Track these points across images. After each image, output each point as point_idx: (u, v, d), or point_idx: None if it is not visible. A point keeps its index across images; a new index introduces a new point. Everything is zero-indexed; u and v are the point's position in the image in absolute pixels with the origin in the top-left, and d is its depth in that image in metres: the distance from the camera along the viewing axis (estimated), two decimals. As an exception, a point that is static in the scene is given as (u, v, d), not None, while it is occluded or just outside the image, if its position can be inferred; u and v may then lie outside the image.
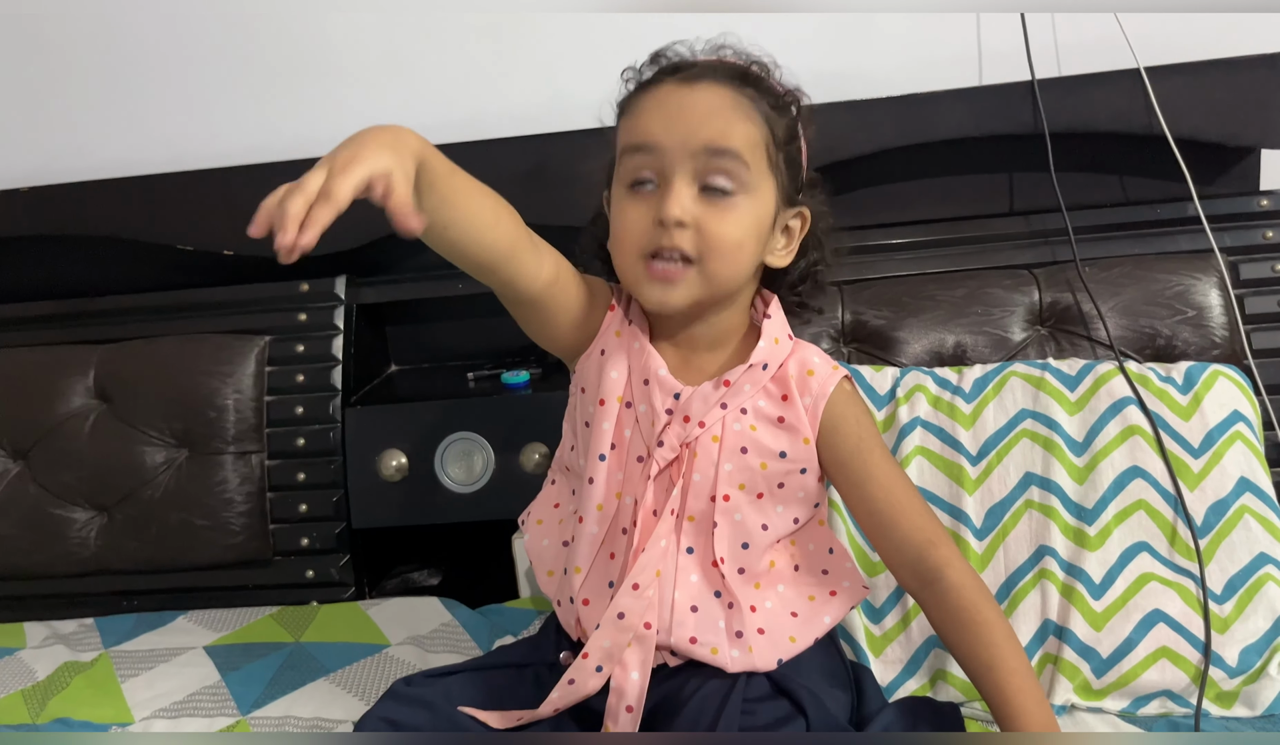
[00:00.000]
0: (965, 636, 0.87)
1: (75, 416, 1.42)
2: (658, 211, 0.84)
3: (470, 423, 1.37)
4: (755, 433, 0.89)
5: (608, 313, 0.93)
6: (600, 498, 0.90)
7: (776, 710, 0.85)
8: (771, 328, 0.91)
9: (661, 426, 0.88)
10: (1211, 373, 1.14)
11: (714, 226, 0.84)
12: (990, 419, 1.14)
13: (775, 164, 0.87)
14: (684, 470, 0.88)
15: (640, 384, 0.90)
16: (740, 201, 0.85)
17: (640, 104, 0.87)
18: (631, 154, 0.86)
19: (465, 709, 0.87)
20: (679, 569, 0.89)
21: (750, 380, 0.89)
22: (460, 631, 1.25)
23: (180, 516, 1.38)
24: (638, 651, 0.86)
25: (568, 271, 0.90)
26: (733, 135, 0.84)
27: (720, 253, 0.85)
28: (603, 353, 0.92)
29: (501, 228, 0.82)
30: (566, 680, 0.87)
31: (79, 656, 1.24)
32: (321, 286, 1.46)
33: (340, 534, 1.40)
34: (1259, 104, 1.30)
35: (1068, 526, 1.08)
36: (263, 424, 1.42)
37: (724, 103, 0.85)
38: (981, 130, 1.34)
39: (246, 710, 1.10)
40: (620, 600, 0.86)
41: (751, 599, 0.90)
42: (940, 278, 1.35)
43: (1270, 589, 1.03)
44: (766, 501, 0.90)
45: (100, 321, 1.49)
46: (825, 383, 0.90)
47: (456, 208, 0.78)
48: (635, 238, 0.86)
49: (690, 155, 0.83)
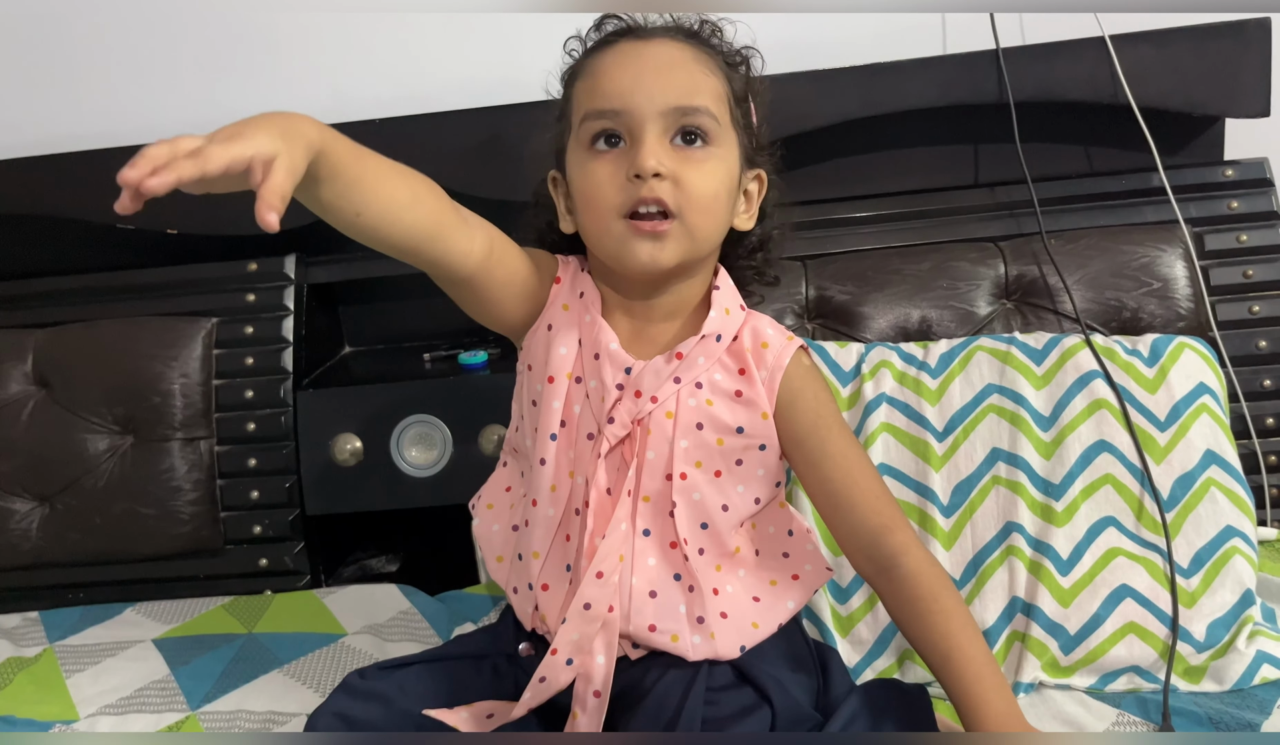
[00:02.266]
0: (922, 626, 0.85)
1: (12, 403, 1.38)
2: (631, 166, 0.81)
3: (427, 405, 1.34)
4: (712, 407, 0.87)
5: (553, 285, 0.90)
6: (552, 479, 0.88)
7: (741, 699, 0.83)
8: (722, 298, 0.89)
9: (612, 402, 0.86)
10: (1177, 345, 1.13)
11: (692, 177, 0.82)
12: (957, 394, 1.12)
13: (736, 119, 0.86)
14: (637, 448, 0.86)
15: (591, 358, 0.87)
16: (713, 152, 0.83)
17: (597, 67, 0.85)
18: (595, 118, 0.83)
19: (431, 712, 0.84)
20: (636, 552, 0.86)
21: (703, 352, 0.87)
22: (419, 619, 1.22)
23: (126, 506, 1.35)
24: (603, 636, 0.84)
25: (503, 245, 0.86)
26: (700, 91, 0.83)
27: (699, 205, 0.82)
28: (550, 328, 0.89)
29: (421, 208, 0.78)
30: (538, 678, 0.84)
31: (22, 652, 1.21)
32: (270, 266, 1.43)
33: (294, 521, 1.37)
34: (1225, 72, 1.29)
35: (1035, 502, 1.06)
36: (211, 409, 1.38)
37: (685, 56, 0.84)
38: (946, 100, 1.32)
39: (196, 705, 1.07)
40: (585, 590, 0.84)
41: (714, 581, 0.87)
42: (905, 251, 1.34)
43: (1237, 562, 1.03)
44: (726, 480, 0.88)
45: (37, 304, 1.44)
46: (780, 354, 0.88)
47: (366, 192, 0.75)
48: (609, 196, 0.82)
49: (660, 113, 0.81)
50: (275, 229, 0.62)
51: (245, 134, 0.63)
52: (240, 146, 0.62)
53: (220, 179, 0.63)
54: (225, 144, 0.62)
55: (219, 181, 0.63)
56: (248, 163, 0.62)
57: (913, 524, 1.03)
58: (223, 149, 0.62)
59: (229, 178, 0.63)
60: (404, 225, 0.78)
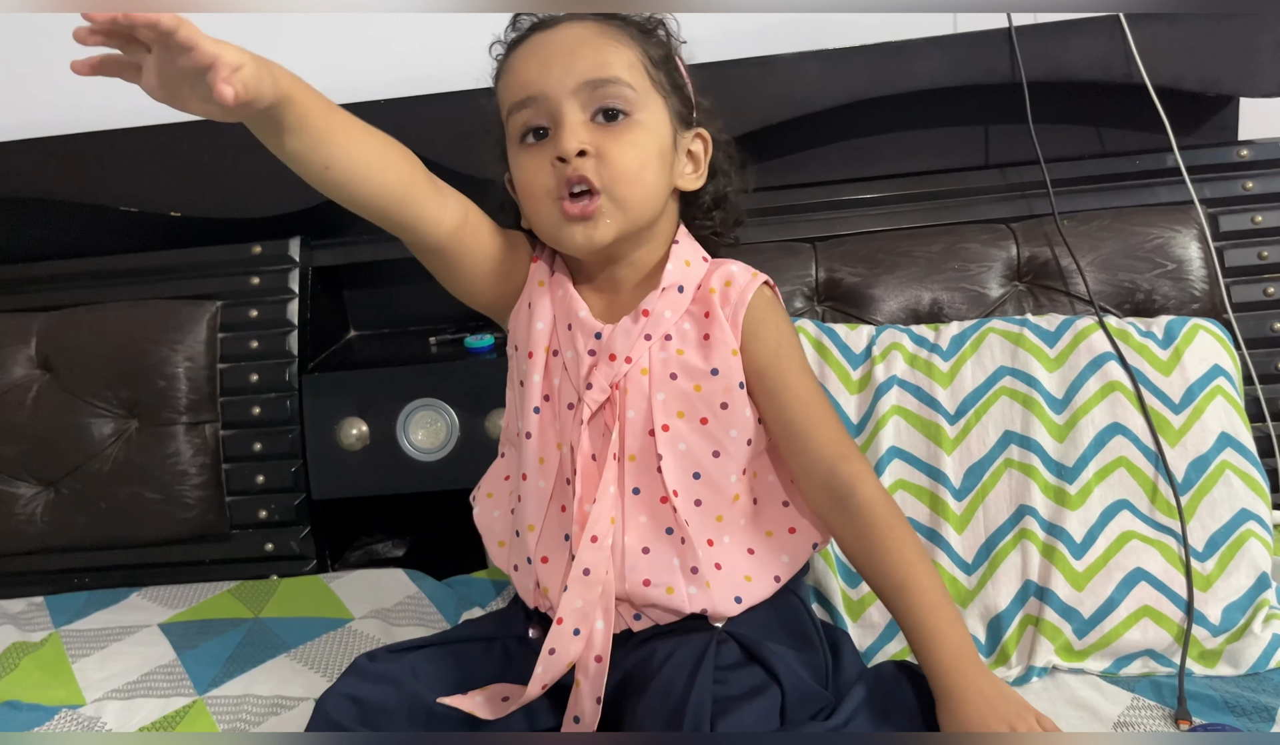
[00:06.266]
0: (877, 554, 0.85)
1: (16, 387, 1.37)
2: (554, 150, 0.84)
3: (433, 389, 1.33)
4: (683, 356, 0.88)
5: (531, 264, 0.93)
6: (539, 451, 0.89)
7: (750, 678, 0.82)
8: (680, 251, 0.91)
9: (587, 368, 0.87)
10: (1192, 327, 1.12)
11: (614, 150, 0.84)
12: (968, 377, 1.11)
13: (659, 83, 0.88)
14: (617, 410, 0.87)
15: (565, 329, 0.89)
16: (634, 123, 0.85)
17: (511, 62, 0.88)
18: (517, 110, 0.86)
19: (446, 700, 0.84)
20: (627, 511, 0.87)
21: (668, 305, 0.88)
22: (426, 604, 1.22)
23: (131, 490, 1.34)
24: (600, 600, 0.85)
25: (478, 218, 0.89)
26: (609, 62, 0.85)
27: (625, 177, 0.84)
28: (530, 306, 0.91)
29: (391, 171, 0.82)
30: (547, 651, 0.84)
31: (28, 637, 1.20)
32: (275, 249, 1.41)
33: (300, 506, 1.36)
34: (1240, 52, 1.27)
35: (1048, 485, 1.05)
36: (216, 393, 1.37)
37: (590, 33, 0.86)
38: (957, 80, 1.30)
39: (203, 689, 1.07)
40: (583, 556, 0.84)
41: (708, 533, 0.88)
42: (915, 233, 1.32)
43: (1252, 545, 1.02)
44: (714, 426, 0.88)
45: (40, 288, 1.43)
46: (744, 290, 0.89)
47: (335, 147, 0.78)
48: (541, 183, 0.85)
49: (573, 92, 0.84)
50: (229, 101, 0.66)
51: (221, 42, 0.67)
52: (211, 42, 0.66)
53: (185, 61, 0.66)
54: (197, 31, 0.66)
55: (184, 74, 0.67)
56: (214, 58, 0.66)
57: (923, 505, 1.02)
58: (193, 29, 0.66)
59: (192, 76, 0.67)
60: (373, 185, 0.81)
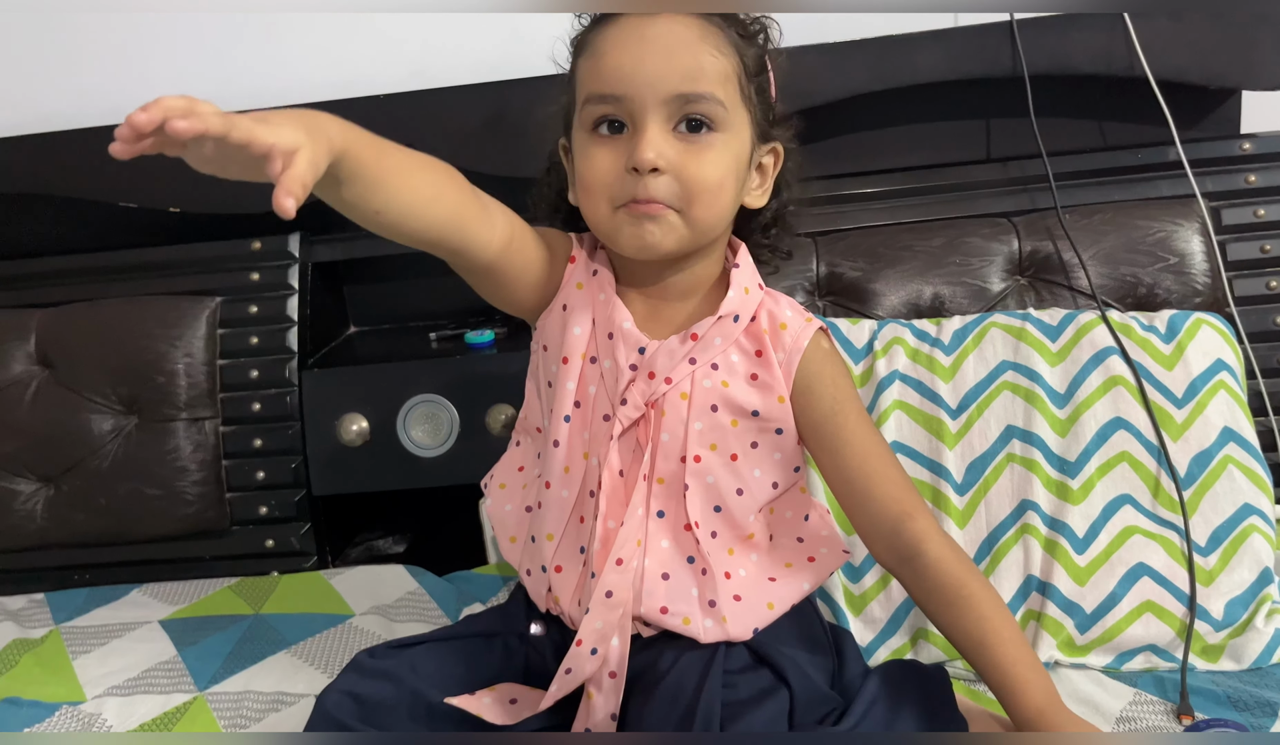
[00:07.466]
0: (951, 613, 0.83)
1: (15, 384, 1.36)
2: (630, 157, 0.78)
3: (433, 384, 1.32)
4: (728, 389, 0.85)
5: (568, 265, 0.88)
6: (565, 461, 0.86)
7: (759, 681, 0.81)
8: (741, 277, 0.86)
9: (625, 383, 0.84)
10: (1194, 321, 1.12)
11: (693, 169, 0.79)
12: (970, 371, 1.11)
13: (748, 96, 0.82)
14: (651, 431, 0.84)
15: (605, 338, 0.85)
16: (718, 139, 0.80)
17: (599, 44, 0.81)
18: (596, 102, 0.80)
19: (453, 700, 0.82)
20: (649, 534, 0.85)
21: (720, 333, 0.85)
22: (427, 600, 1.21)
23: (131, 486, 1.34)
24: (619, 620, 0.83)
25: (522, 231, 0.84)
26: (705, 75, 0.79)
27: (702, 197, 0.80)
28: (565, 308, 0.87)
29: (445, 201, 0.77)
30: (564, 670, 0.82)
31: (28, 633, 1.20)
32: (274, 244, 1.41)
33: (300, 502, 1.36)
34: (1242, 44, 1.26)
35: (1050, 480, 1.05)
36: (216, 389, 1.37)
37: (690, 34, 0.79)
38: (959, 73, 1.30)
39: (204, 686, 1.07)
40: (607, 578, 0.82)
41: (726, 565, 0.86)
42: (917, 227, 1.32)
43: (1255, 540, 1.02)
44: (742, 464, 0.86)
45: (39, 284, 1.43)
46: (799, 337, 0.86)
47: (388, 190, 0.73)
48: (607, 187, 0.80)
49: (662, 102, 0.78)
50: (291, 215, 0.60)
51: (272, 121, 0.61)
52: (266, 130, 0.60)
53: (237, 153, 0.60)
54: (250, 122, 0.60)
55: (234, 157, 0.61)
56: (269, 148, 0.60)
57: (927, 503, 1.02)
58: (247, 123, 0.60)
59: (244, 160, 0.61)
60: (426, 220, 0.76)
